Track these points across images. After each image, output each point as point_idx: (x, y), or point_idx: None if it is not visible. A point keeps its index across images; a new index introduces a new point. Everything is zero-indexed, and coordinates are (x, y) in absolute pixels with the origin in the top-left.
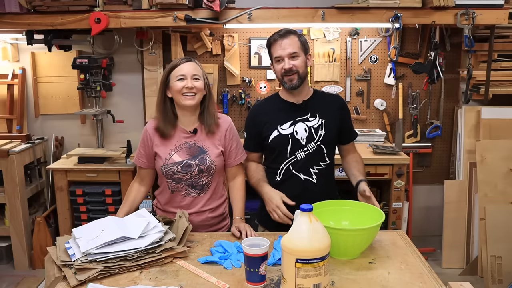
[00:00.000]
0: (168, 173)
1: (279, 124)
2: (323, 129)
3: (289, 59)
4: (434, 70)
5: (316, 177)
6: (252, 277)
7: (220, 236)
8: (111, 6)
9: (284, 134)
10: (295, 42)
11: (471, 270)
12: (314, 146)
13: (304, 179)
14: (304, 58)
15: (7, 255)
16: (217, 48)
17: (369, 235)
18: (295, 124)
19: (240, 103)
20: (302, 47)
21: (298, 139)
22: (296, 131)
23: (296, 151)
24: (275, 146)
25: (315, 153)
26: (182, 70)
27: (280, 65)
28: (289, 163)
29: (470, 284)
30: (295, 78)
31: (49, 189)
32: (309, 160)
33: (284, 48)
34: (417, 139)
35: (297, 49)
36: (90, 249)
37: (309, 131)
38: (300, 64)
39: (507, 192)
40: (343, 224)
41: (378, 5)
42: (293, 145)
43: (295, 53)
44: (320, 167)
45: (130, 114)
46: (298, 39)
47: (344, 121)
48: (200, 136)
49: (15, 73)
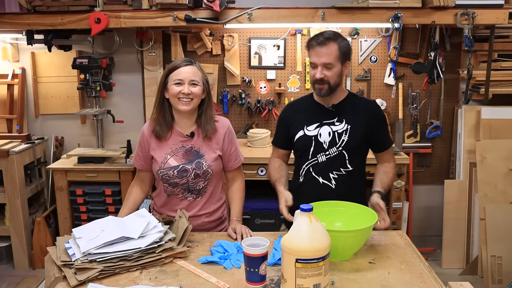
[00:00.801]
0: (164, 178)
1: (306, 125)
2: (347, 135)
3: (322, 68)
4: (434, 70)
5: (335, 182)
6: (252, 277)
7: (220, 236)
8: (111, 6)
9: (309, 135)
10: (333, 51)
11: (471, 270)
12: (336, 151)
13: (323, 183)
14: (340, 68)
15: (7, 255)
16: (217, 48)
17: (361, 237)
18: (320, 127)
19: (240, 103)
20: (340, 57)
21: (321, 142)
22: (320, 134)
23: (318, 153)
24: (299, 146)
25: (336, 158)
26: (181, 74)
27: (313, 71)
28: (309, 164)
29: (470, 284)
30: (325, 88)
31: (49, 189)
32: (329, 164)
33: (319, 56)
34: (417, 139)
35: (333, 60)
36: (90, 249)
37: (333, 136)
38: (332, 75)
39: (507, 192)
40: (336, 225)
41: (378, 5)
42: (315, 147)
43: (330, 64)
44: (340, 173)
45: (130, 114)
46: (338, 47)
47: (374, 129)
48: (197, 140)
49: (15, 73)
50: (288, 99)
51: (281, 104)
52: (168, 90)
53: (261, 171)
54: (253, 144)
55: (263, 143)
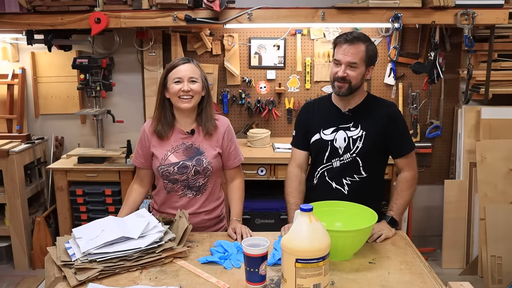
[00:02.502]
0: (164, 174)
1: (322, 128)
2: (361, 141)
3: (346, 67)
4: (434, 70)
5: (348, 188)
6: (252, 277)
7: (220, 236)
8: (111, 6)
9: (325, 139)
10: (359, 52)
11: (471, 270)
12: (350, 157)
13: (336, 188)
14: (364, 70)
15: (7, 255)
16: (217, 48)
17: (361, 237)
18: (337, 132)
19: (240, 103)
20: (366, 59)
21: (337, 147)
22: (336, 139)
23: (333, 158)
24: (315, 149)
25: (350, 164)
26: (179, 72)
27: (336, 68)
28: (324, 168)
29: (470, 284)
30: (345, 87)
31: (49, 189)
32: (343, 170)
33: (345, 54)
34: (417, 139)
35: (358, 60)
36: (90, 249)
37: (348, 141)
38: (355, 76)
39: (507, 192)
40: (336, 225)
41: (378, 5)
42: (331, 152)
43: (355, 64)
44: (353, 179)
45: (130, 114)
46: (365, 49)
47: (391, 133)
48: (197, 137)
49: (15, 73)
50: (288, 99)
51: (281, 104)
52: (168, 89)
53: (261, 171)
54: (253, 144)
55: (263, 143)
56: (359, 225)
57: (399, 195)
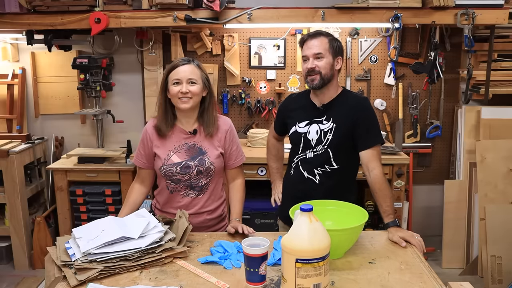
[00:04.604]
0: (167, 174)
1: (298, 122)
2: (331, 133)
3: (314, 59)
4: (434, 70)
5: (320, 178)
6: (252, 277)
7: (220, 236)
8: (111, 6)
9: (299, 132)
10: (323, 43)
11: (471, 270)
12: (322, 149)
13: (307, 177)
14: (331, 60)
15: (7, 255)
16: (217, 48)
17: (351, 236)
18: (310, 125)
19: (240, 103)
20: (331, 50)
21: (309, 140)
22: (309, 132)
23: (307, 150)
24: (292, 140)
25: (322, 155)
26: (178, 73)
27: (305, 64)
28: (299, 158)
29: (470, 284)
30: (317, 78)
31: (49, 189)
32: (315, 161)
33: (310, 47)
34: (417, 139)
35: (323, 50)
36: (90, 249)
37: (320, 134)
38: (323, 65)
39: (507, 192)
40: (327, 224)
41: (378, 5)
42: (304, 144)
43: (320, 54)
44: (325, 169)
45: (130, 114)
46: (328, 41)
47: (357, 125)
48: (199, 137)
49: (15, 73)
50: None
51: None
52: (169, 90)
53: (261, 171)
54: (253, 144)
55: (263, 143)
56: (350, 223)
57: (385, 195)
